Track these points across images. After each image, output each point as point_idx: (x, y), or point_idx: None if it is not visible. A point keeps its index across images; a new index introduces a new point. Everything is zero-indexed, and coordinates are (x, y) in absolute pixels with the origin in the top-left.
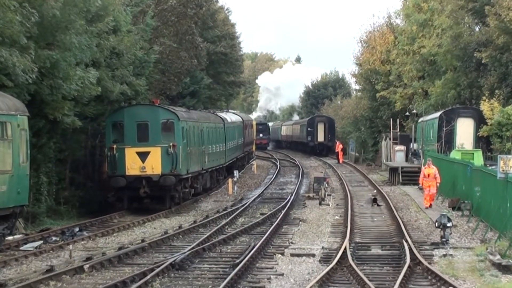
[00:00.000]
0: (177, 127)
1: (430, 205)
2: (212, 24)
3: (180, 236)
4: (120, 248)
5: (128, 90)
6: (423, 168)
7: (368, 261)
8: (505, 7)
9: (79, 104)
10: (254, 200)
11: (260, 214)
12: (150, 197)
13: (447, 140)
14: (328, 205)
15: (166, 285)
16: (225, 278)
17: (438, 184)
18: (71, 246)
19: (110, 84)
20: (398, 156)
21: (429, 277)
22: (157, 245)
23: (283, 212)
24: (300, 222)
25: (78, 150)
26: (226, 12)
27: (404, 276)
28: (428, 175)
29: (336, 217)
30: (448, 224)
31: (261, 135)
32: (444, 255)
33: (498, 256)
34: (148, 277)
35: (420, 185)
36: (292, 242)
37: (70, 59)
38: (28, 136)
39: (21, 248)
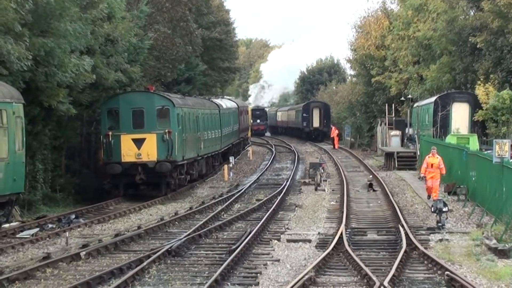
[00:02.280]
0: (172, 114)
1: (435, 197)
2: (206, 11)
3: (176, 222)
4: (116, 235)
5: (123, 77)
6: (426, 157)
7: (364, 247)
8: None
9: (73, 91)
10: (250, 186)
11: (256, 200)
12: (146, 184)
13: (443, 124)
14: (324, 190)
15: (162, 272)
16: (222, 264)
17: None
18: (67, 233)
19: (105, 71)
20: (393, 141)
21: (425, 262)
22: (153, 232)
23: (279, 198)
24: (296, 208)
25: (74, 137)
26: None
27: (400, 261)
28: (432, 165)
29: (332, 202)
30: (444, 209)
31: (258, 121)
32: (440, 240)
33: (494, 241)
34: (145, 263)
35: (422, 174)
36: (288, 228)
37: (64, 46)
38: (24, 123)
39: (17, 236)
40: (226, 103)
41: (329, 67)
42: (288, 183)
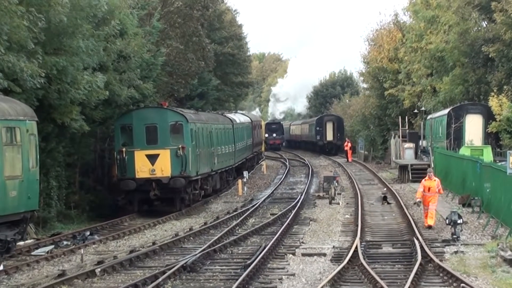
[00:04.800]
0: (186, 129)
1: (430, 226)
2: (218, 26)
3: (191, 238)
4: (131, 251)
5: (136, 94)
6: (422, 180)
7: (379, 260)
8: (511, 2)
9: (86, 108)
10: (264, 200)
11: (270, 214)
12: (160, 200)
13: (456, 136)
14: (338, 204)
15: None
16: (237, 279)
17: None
18: (82, 250)
19: (118, 87)
20: (407, 154)
21: (441, 274)
22: (168, 248)
23: (293, 212)
24: (310, 222)
25: (87, 154)
26: (233, 13)
27: (416, 273)
28: (429, 189)
29: (347, 216)
30: (459, 221)
31: (274, 135)
32: (455, 252)
33: (510, 252)
34: (160, 279)
35: (418, 199)
36: (303, 242)
37: (77, 63)
38: (37, 141)
39: (32, 253)
40: (239, 117)
41: (342, 80)
42: (302, 197)
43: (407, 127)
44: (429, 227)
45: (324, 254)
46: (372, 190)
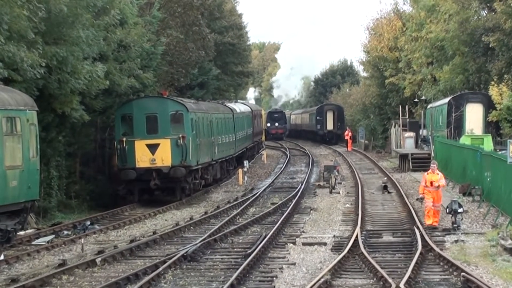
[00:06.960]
0: (186, 119)
1: (435, 224)
2: (219, 15)
3: (192, 227)
4: (131, 241)
5: (136, 83)
6: (424, 174)
7: (379, 249)
8: None
9: (87, 97)
10: (264, 189)
11: (271, 203)
12: (161, 189)
13: (457, 125)
14: (339, 193)
15: (178, 277)
16: (237, 269)
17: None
18: (83, 239)
19: (118, 77)
20: (407, 143)
21: (441, 263)
22: (168, 237)
23: (294, 201)
24: (311, 211)
25: (88, 143)
26: (233, 2)
27: (416, 262)
28: (431, 183)
29: (347, 205)
30: (459, 210)
31: (276, 124)
32: (456, 241)
33: (510, 241)
34: (160, 269)
35: (421, 195)
36: (303, 231)
37: (77, 53)
38: (38, 130)
39: (33, 243)
40: (239, 107)
41: (342, 69)
42: (302, 186)
43: (407, 116)
44: (432, 224)
45: (325, 244)
46: (372, 179)
